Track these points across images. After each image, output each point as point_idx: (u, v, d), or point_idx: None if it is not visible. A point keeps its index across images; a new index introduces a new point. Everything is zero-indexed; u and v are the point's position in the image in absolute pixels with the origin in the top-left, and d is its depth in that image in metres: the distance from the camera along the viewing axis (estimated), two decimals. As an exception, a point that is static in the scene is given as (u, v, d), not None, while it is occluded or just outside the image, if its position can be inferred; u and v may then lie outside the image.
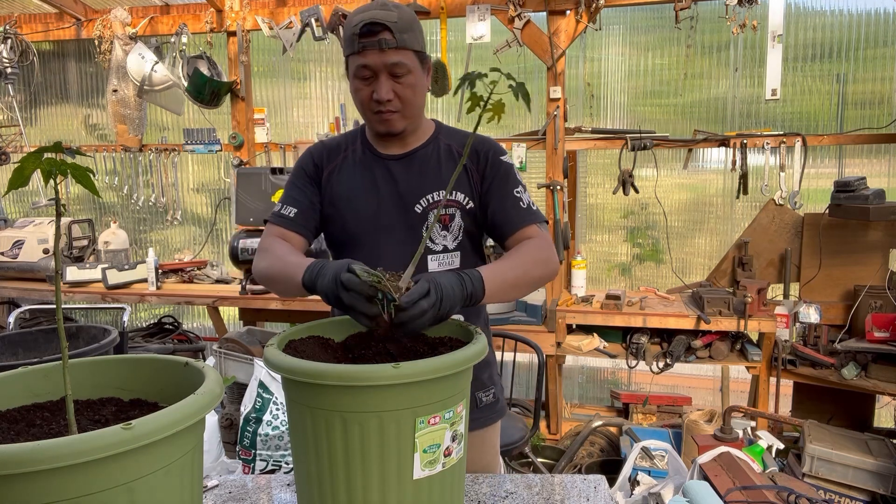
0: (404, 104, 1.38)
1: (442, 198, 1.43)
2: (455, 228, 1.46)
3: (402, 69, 1.34)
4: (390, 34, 1.31)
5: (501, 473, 1.58)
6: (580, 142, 3.53)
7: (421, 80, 1.40)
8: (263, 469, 2.74)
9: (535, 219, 1.45)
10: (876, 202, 3.00)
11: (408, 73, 1.35)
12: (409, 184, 1.45)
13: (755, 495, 1.90)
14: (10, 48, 4.04)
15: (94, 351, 2.01)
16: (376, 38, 1.31)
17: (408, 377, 0.90)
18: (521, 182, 1.49)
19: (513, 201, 1.44)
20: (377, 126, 1.43)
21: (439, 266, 1.46)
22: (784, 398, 3.29)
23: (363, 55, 1.33)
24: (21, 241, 3.87)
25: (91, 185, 0.72)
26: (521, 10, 3.34)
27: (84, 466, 0.63)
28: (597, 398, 4.15)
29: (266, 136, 4.02)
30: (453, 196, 1.46)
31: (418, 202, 1.45)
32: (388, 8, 1.33)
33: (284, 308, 3.43)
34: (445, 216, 1.45)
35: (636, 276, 4.08)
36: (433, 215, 1.40)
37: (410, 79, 1.36)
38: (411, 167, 1.47)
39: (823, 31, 3.60)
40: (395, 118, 1.40)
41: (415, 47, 1.36)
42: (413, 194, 1.45)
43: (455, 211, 1.46)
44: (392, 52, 1.32)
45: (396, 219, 1.45)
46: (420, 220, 1.45)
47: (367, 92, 1.37)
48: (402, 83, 1.36)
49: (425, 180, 1.46)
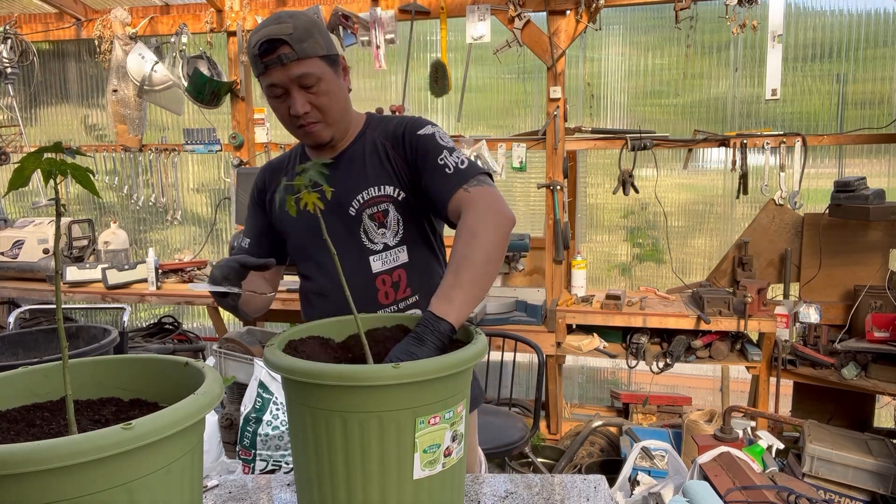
0: (324, 112, 1.36)
1: (375, 193, 1.40)
2: (393, 223, 1.41)
3: (311, 79, 1.31)
4: (289, 47, 1.28)
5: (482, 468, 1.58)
6: (580, 142, 3.53)
7: (335, 83, 1.36)
8: (263, 469, 2.74)
9: (462, 180, 1.31)
10: (876, 202, 3.00)
11: (318, 81, 1.32)
12: (339, 187, 1.39)
13: (755, 495, 1.90)
14: (10, 48, 4.04)
15: (94, 351, 2.01)
16: (276, 55, 1.28)
17: (408, 377, 0.89)
18: (446, 144, 1.38)
19: (440, 171, 1.33)
20: (303, 139, 1.42)
21: (384, 265, 1.42)
22: (784, 398, 3.29)
23: (268, 74, 1.31)
24: (21, 241, 3.87)
25: (91, 185, 0.72)
26: (521, 10, 3.34)
27: (84, 466, 0.63)
28: (597, 398, 4.15)
29: (266, 136, 4.02)
30: (381, 190, 1.40)
31: (350, 204, 1.41)
32: (283, 20, 1.29)
33: (284, 308, 3.42)
34: (378, 213, 1.40)
35: (636, 276, 4.08)
36: (366, 214, 1.40)
37: (322, 86, 1.33)
38: (338, 169, 1.43)
39: (823, 31, 3.60)
40: (319, 128, 1.38)
41: (318, 53, 1.32)
42: (345, 197, 1.41)
43: (388, 206, 1.40)
44: (294, 64, 1.29)
45: (332, 224, 1.38)
46: (356, 222, 1.42)
47: (284, 108, 1.35)
48: (314, 92, 1.33)
49: (353, 181, 1.42)
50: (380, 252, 1.42)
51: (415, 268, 1.44)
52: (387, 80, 4.18)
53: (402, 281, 1.44)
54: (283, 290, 3.51)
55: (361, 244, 1.42)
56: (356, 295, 1.31)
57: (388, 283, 1.43)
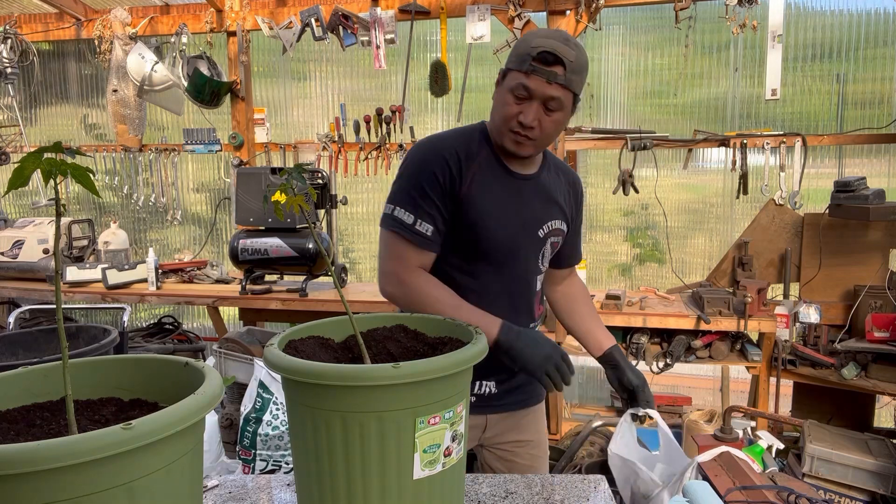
0: (543, 136, 1.42)
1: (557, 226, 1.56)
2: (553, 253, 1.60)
3: (557, 105, 1.38)
4: (563, 70, 1.35)
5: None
6: (580, 142, 3.53)
7: (565, 118, 1.44)
8: (263, 469, 2.74)
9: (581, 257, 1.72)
10: (876, 202, 3.00)
11: (559, 109, 1.39)
12: (535, 208, 1.51)
13: (755, 495, 1.90)
14: (10, 48, 4.04)
15: (94, 351, 2.01)
16: (549, 69, 1.34)
17: (408, 377, 0.89)
18: None
19: (578, 238, 1.66)
20: (508, 144, 1.43)
21: (538, 285, 1.60)
22: (784, 398, 3.29)
23: (529, 77, 1.36)
24: (21, 241, 3.87)
25: (91, 185, 0.71)
26: (521, 10, 3.34)
27: (84, 466, 0.63)
28: (597, 398, 4.15)
29: (266, 136, 4.02)
30: (562, 225, 1.57)
31: (541, 228, 1.52)
32: (571, 45, 1.36)
33: (284, 308, 3.42)
34: (556, 242, 1.57)
35: (636, 276, 4.08)
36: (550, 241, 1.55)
37: (559, 116, 1.40)
38: (538, 191, 1.52)
39: (823, 31, 3.60)
40: (530, 145, 1.42)
41: (576, 90, 1.40)
42: (538, 219, 1.52)
43: (560, 239, 1.58)
44: (557, 87, 1.36)
45: (524, 241, 1.50)
46: (540, 244, 1.53)
47: (515, 110, 1.39)
48: (550, 117, 1.39)
49: (548, 207, 1.53)
50: (540, 275, 1.59)
51: (540, 292, 1.64)
52: (387, 80, 4.18)
53: (537, 300, 1.61)
54: (282, 290, 3.52)
55: (537, 264, 1.56)
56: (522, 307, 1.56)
57: (538, 300, 1.61)
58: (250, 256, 3.37)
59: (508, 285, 1.51)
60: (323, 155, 3.91)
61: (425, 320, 1.21)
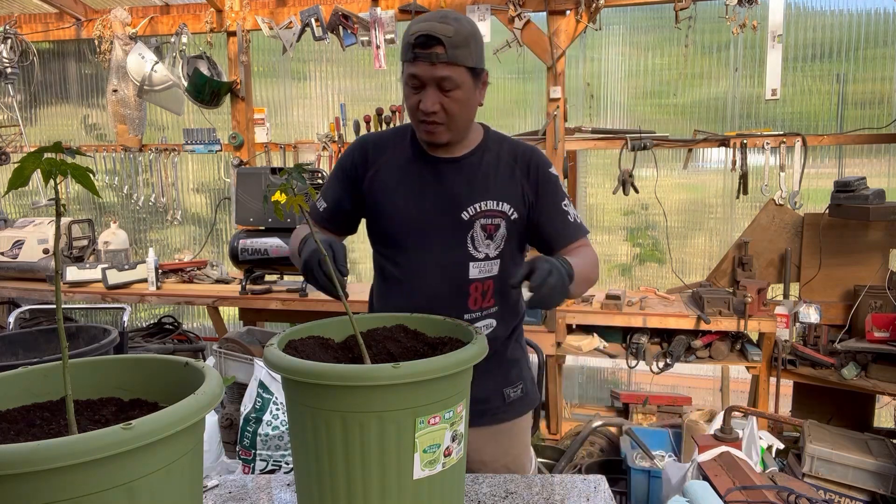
0: (450, 118, 1.40)
1: (492, 206, 1.48)
2: (499, 238, 1.49)
3: (451, 84, 1.36)
4: (443, 48, 1.32)
5: (532, 466, 1.63)
6: (580, 142, 3.53)
7: (470, 94, 1.41)
8: (263, 469, 2.74)
9: (583, 232, 1.52)
10: (876, 202, 3.00)
11: (456, 88, 1.36)
12: (457, 189, 1.47)
13: (755, 495, 1.90)
14: (10, 48, 4.04)
15: (94, 351, 2.01)
16: (429, 51, 1.33)
17: (408, 377, 0.90)
18: (566, 193, 1.54)
19: (562, 216, 1.50)
20: (421, 134, 1.45)
21: (479, 273, 1.50)
22: (784, 398, 3.29)
23: (415, 65, 1.35)
24: (21, 241, 3.87)
25: (91, 185, 0.72)
26: (521, 10, 3.34)
27: (84, 466, 0.63)
28: (597, 398, 4.15)
29: (266, 136, 4.02)
30: (499, 206, 1.48)
31: (465, 209, 1.47)
32: (448, 21, 1.34)
33: (284, 308, 3.43)
34: (491, 226, 1.48)
35: (636, 276, 4.08)
36: (479, 223, 1.47)
37: (458, 94, 1.37)
38: (460, 173, 1.49)
39: (823, 31, 3.60)
40: (440, 130, 1.41)
41: (467, 63, 1.36)
42: (461, 200, 1.47)
43: (500, 221, 1.48)
44: (442, 66, 1.34)
45: (442, 222, 1.47)
46: (466, 227, 1.47)
47: (415, 100, 1.39)
48: (449, 97, 1.37)
49: (474, 188, 1.48)
50: (480, 261, 1.49)
51: (501, 281, 1.52)
52: (387, 80, 4.18)
53: (490, 291, 1.52)
54: (282, 290, 3.52)
55: (466, 249, 1.48)
56: (451, 295, 1.46)
57: (478, 290, 1.51)
58: (250, 256, 3.37)
59: (430, 272, 1.47)
60: (323, 155, 3.91)
61: (425, 320, 1.21)
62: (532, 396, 1.66)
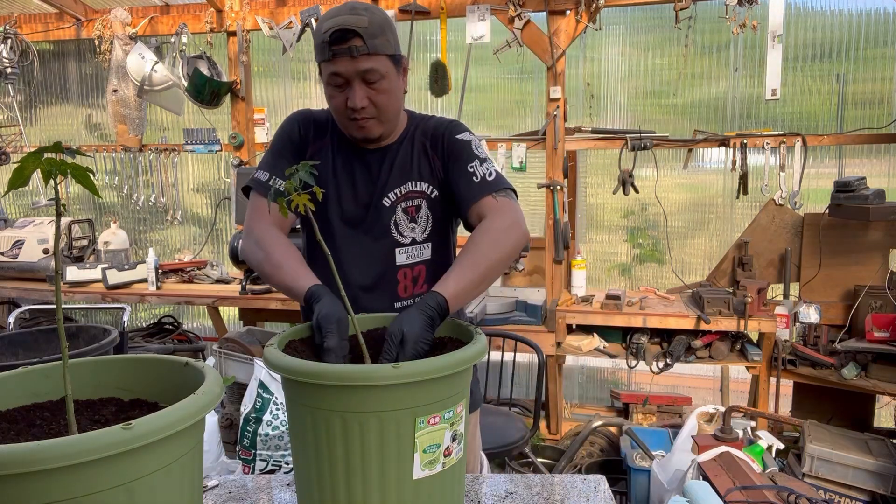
0: (380, 110, 1.36)
1: (412, 188, 1.44)
2: (423, 220, 1.45)
3: (375, 75, 1.32)
4: (361, 40, 1.28)
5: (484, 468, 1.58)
6: (580, 142, 3.53)
7: (396, 83, 1.37)
8: (263, 469, 2.74)
9: (489, 189, 1.38)
10: (876, 202, 3.00)
11: (381, 78, 1.33)
12: (382, 178, 1.45)
13: (755, 495, 1.90)
14: (10, 48, 4.04)
15: (94, 351, 2.01)
16: (346, 46, 1.28)
17: (408, 377, 0.90)
18: (481, 154, 1.43)
19: (467, 177, 1.40)
20: (354, 133, 1.41)
21: (408, 259, 1.45)
22: (784, 398, 3.29)
23: (334, 63, 1.31)
24: (21, 241, 3.87)
25: (91, 185, 0.72)
26: (521, 10, 3.34)
27: (84, 466, 0.63)
28: (597, 398, 4.15)
29: (266, 136, 4.02)
30: (417, 186, 1.44)
31: (387, 195, 1.44)
32: (359, 12, 1.30)
33: (284, 308, 3.43)
34: (411, 207, 1.44)
35: (636, 276, 4.08)
36: (400, 208, 1.43)
37: (384, 84, 1.34)
38: (383, 163, 1.46)
39: (823, 31, 3.60)
40: (372, 124, 1.38)
41: (387, 51, 1.33)
42: (381, 190, 1.45)
43: (421, 202, 1.45)
44: (364, 58, 1.30)
45: (367, 211, 1.44)
46: (388, 213, 1.44)
47: (342, 99, 1.35)
48: (376, 89, 1.34)
49: (395, 174, 1.45)
50: (406, 246, 1.45)
51: (435, 265, 1.48)
52: (387, 80, 4.17)
53: (422, 277, 1.47)
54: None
55: (391, 236, 1.45)
56: (378, 283, 1.41)
57: (408, 277, 1.47)
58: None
59: (357, 261, 1.45)
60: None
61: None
62: (476, 397, 1.59)
